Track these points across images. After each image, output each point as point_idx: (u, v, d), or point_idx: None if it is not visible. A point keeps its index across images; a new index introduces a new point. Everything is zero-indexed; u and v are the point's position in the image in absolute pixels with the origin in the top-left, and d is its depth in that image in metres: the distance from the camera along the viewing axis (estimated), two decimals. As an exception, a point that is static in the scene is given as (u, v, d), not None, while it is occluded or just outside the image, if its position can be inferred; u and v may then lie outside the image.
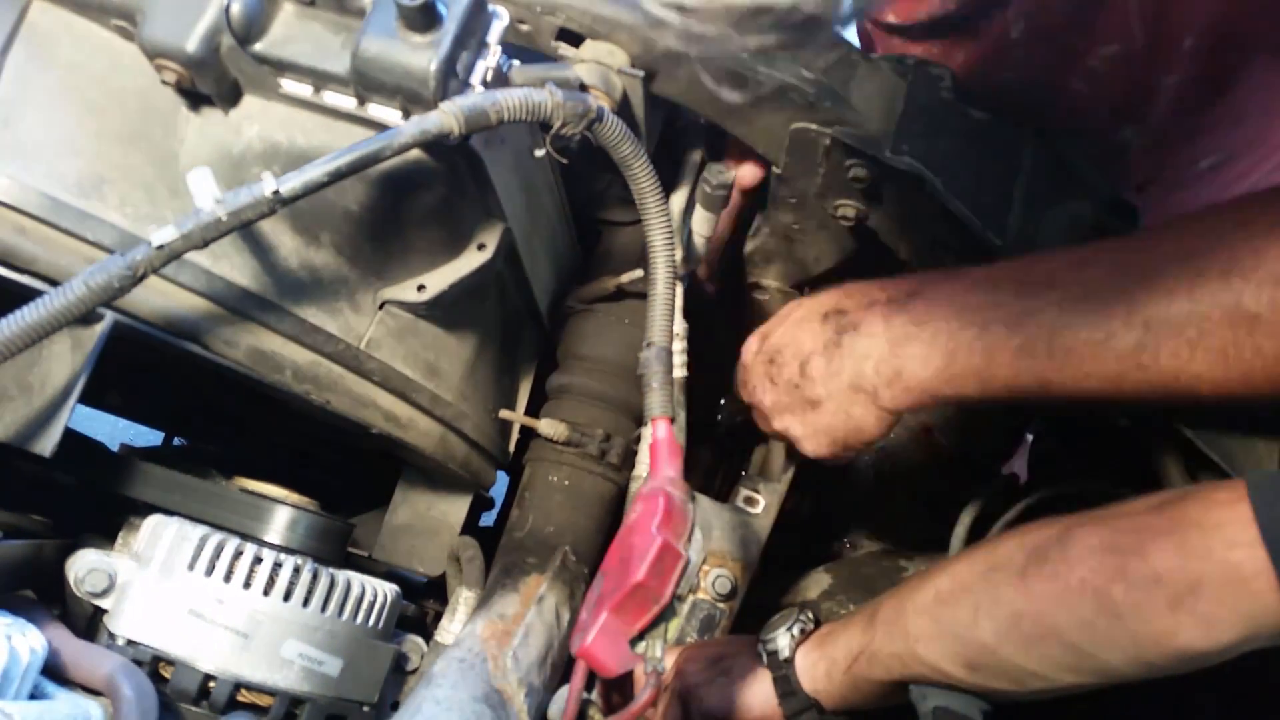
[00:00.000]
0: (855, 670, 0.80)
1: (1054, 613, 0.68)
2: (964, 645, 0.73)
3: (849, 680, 0.81)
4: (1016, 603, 0.70)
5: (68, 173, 0.72)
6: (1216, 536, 0.62)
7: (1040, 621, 0.69)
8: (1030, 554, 0.71)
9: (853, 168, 0.93)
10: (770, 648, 0.85)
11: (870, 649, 0.79)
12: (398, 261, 0.85)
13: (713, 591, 0.96)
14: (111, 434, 1.22)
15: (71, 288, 0.62)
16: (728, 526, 0.98)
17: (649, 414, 0.77)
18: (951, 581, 0.75)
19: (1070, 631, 0.68)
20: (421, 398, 0.89)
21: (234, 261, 0.77)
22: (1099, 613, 0.66)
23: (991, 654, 0.72)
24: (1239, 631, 0.62)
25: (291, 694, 0.81)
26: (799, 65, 0.93)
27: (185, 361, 0.76)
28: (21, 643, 0.64)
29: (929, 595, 0.76)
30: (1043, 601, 0.69)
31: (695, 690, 0.88)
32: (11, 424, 0.67)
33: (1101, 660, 0.68)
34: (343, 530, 0.91)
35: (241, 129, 0.77)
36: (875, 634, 0.79)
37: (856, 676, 0.81)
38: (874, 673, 0.79)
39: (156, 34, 0.70)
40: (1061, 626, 0.68)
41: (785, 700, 0.84)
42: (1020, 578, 0.70)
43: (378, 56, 0.69)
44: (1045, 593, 0.68)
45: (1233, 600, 0.61)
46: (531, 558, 0.98)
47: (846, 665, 0.81)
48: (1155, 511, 0.66)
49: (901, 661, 0.77)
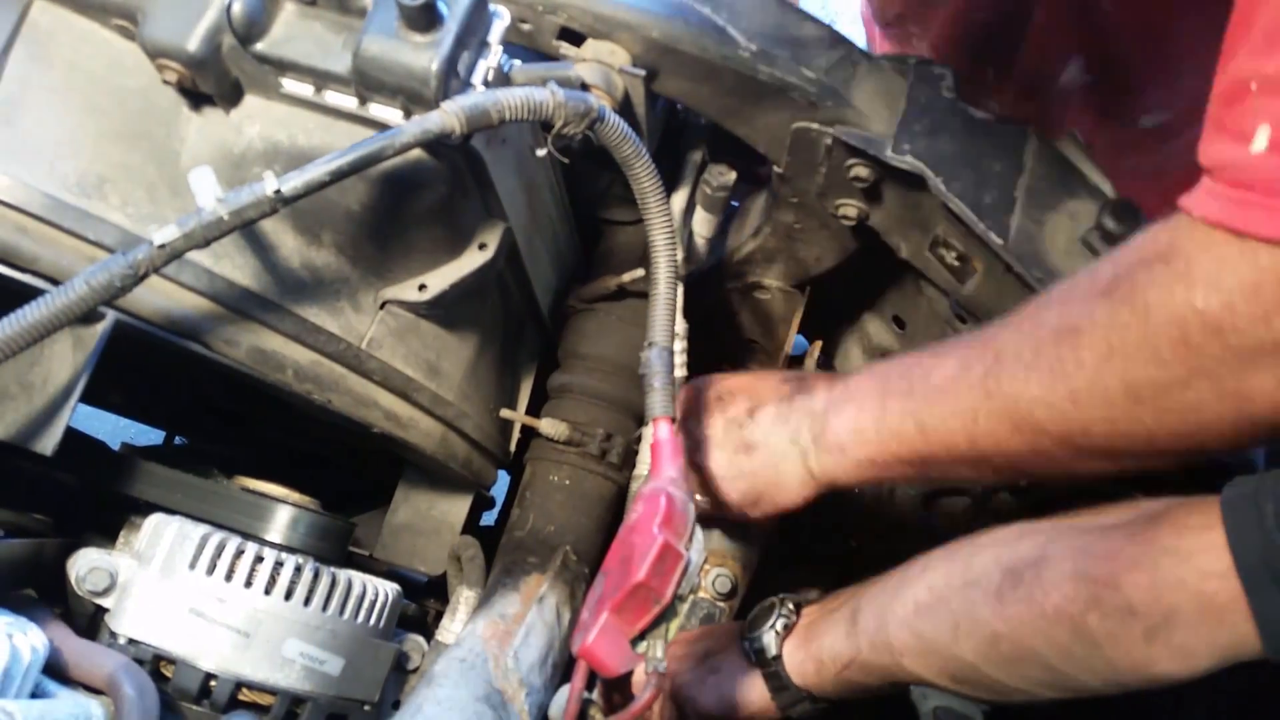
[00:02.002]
0: (846, 676, 0.82)
1: (1031, 638, 0.68)
2: (946, 661, 0.74)
3: (841, 683, 0.83)
4: (994, 624, 0.70)
5: (69, 172, 0.72)
6: (1190, 566, 0.61)
7: (1018, 645, 0.69)
8: (1006, 574, 0.70)
9: (854, 167, 0.93)
10: (756, 646, 0.86)
11: (859, 660, 0.80)
12: (399, 261, 0.85)
13: (713, 590, 0.96)
14: (113, 433, 1.22)
15: (73, 287, 0.62)
16: (728, 526, 0.98)
17: (650, 413, 0.77)
18: (930, 594, 0.75)
19: (1048, 655, 0.68)
20: (422, 397, 0.89)
21: (235, 261, 0.77)
22: (1075, 640, 0.66)
23: (973, 670, 0.72)
24: (1215, 660, 0.62)
25: (293, 693, 0.81)
26: (800, 64, 0.93)
27: (187, 361, 0.76)
28: (23, 641, 0.64)
29: (908, 606, 0.76)
30: (1019, 626, 0.68)
31: (687, 690, 0.88)
32: (13, 423, 0.67)
33: (1080, 682, 0.68)
34: (344, 529, 0.91)
35: (243, 128, 0.77)
36: (860, 645, 0.80)
37: (849, 681, 0.82)
38: (867, 680, 0.81)
39: (158, 33, 0.70)
40: (1039, 650, 0.68)
41: (778, 695, 0.85)
42: (997, 599, 0.70)
43: (379, 56, 0.69)
44: (1021, 617, 0.68)
45: (1208, 632, 0.61)
46: (532, 557, 0.98)
47: (836, 670, 0.82)
48: (1129, 537, 0.65)
49: (890, 673, 0.78)
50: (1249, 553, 0.58)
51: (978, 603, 0.71)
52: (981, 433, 0.70)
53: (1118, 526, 0.67)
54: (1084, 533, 0.69)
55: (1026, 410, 0.67)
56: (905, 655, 0.76)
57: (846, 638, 0.81)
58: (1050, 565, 0.68)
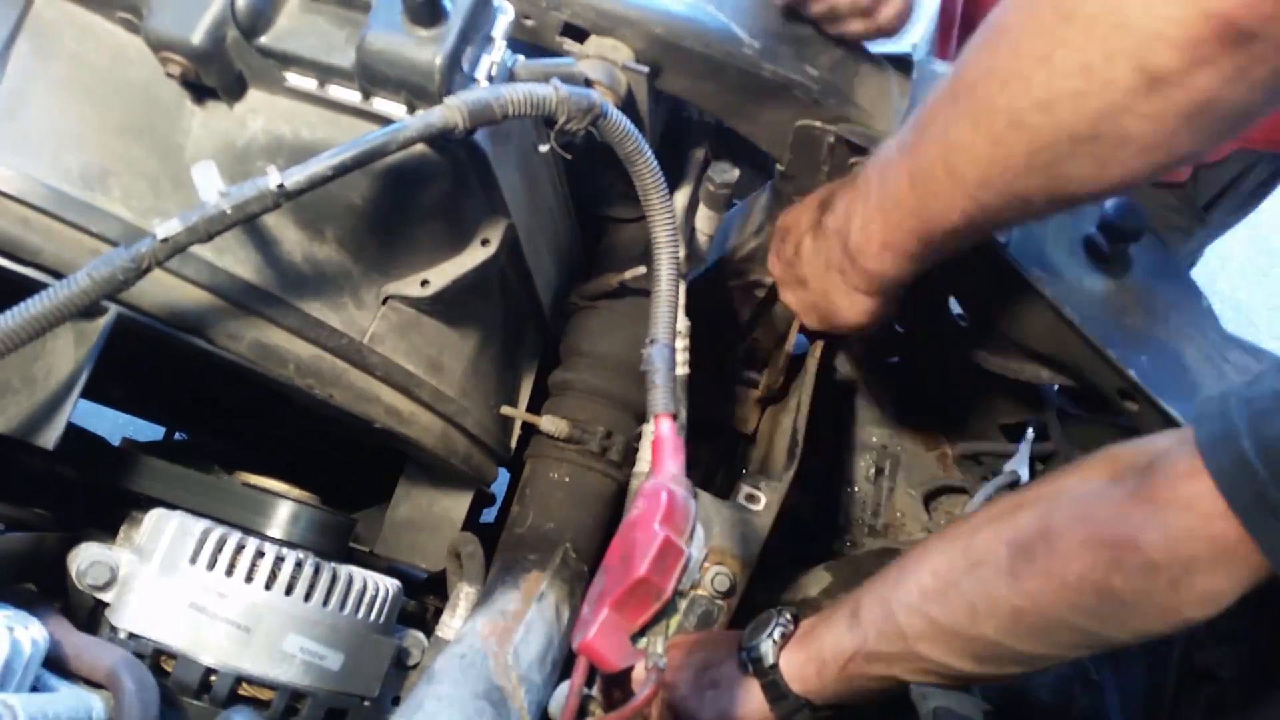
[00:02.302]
0: (850, 670, 0.81)
1: (1056, 607, 0.69)
2: (968, 642, 0.74)
3: (843, 680, 0.82)
4: (1013, 600, 0.71)
5: (72, 165, 0.71)
6: (1194, 514, 0.63)
7: (1044, 615, 0.70)
8: (1014, 550, 0.71)
9: (857, 165, 0.93)
10: (754, 655, 0.86)
11: (865, 649, 0.80)
12: (401, 256, 0.85)
13: (712, 589, 0.96)
14: (113, 429, 1.21)
15: (75, 280, 0.62)
16: (729, 524, 0.98)
17: (651, 410, 0.77)
18: (935, 579, 0.76)
19: (1076, 621, 0.69)
20: (424, 393, 0.89)
21: (238, 255, 0.77)
22: (1102, 602, 0.68)
23: (997, 646, 0.73)
24: (1238, 594, 0.64)
25: (293, 688, 0.81)
26: (804, 62, 0.93)
27: (188, 355, 0.76)
28: (24, 635, 0.64)
29: (913, 592, 0.77)
30: (1042, 598, 0.70)
31: (686, 704, 0.88)
32: (14, 416, 0.67)
33: (1111, 638, 0.70)
34: (344, 525, 0.91)
35: (246, 122, 0.77)
36: (866, 635, 0.80)
37: (852, 676, 0.81)
38: (873, 671, 0.80)
39: (161, 26, 0.70)
40: (1066, 617, 0.70)
41: (777, 704, 0.85)
42: (1011, 576, 0.71)
43: (383, 51, 0.69)
44: (1042, 590, 0.69)
45: (1225, 571, 0.63)
46: (532, 554, 0.98)
47: (839, 666, 0.81)
48: (1130, 498, 0.67)
49: (903, 659, 0.78)
50: (1240, 493, 0.61)
51: (990, 581, 0.72)
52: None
53: (1112, 488, 0.69)
54: (1080, 500, 0.70)
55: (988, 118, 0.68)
56: (920, 641, 0.76)
57: (849, 631, 0.81)
58: (1060, 537, 0.69)
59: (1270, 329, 3.13)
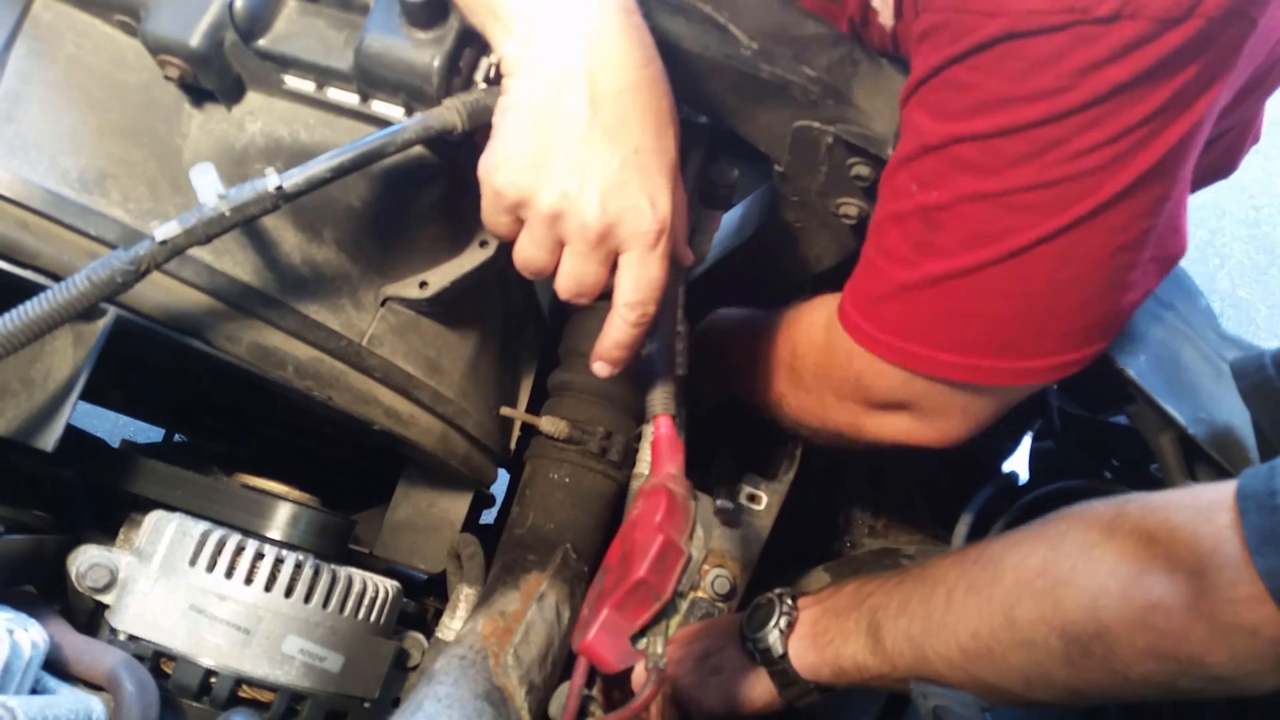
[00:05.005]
0: (874, 682, 0.82)
1: (1116, 691, 0.71)
2: (1019, 700, 0.76)
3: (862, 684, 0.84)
4: (1072, 683, 0.72)
5: (70, 168, 0.72)
6: (1259, 639, 0.63)
7: (1103, 695, 0.73)
8: (1070, 643, 0.70)
9: (855, 166, 0.93)
10: (761, 646, 0.86)
11: (894, 676, 0.80)
12: (400, 258, 0.85)
13: (712, 591, 0.96)
14: (112, 431, 1.22)
15: (74, 283, 0.62)
16: (728, 526, 0.98)
17: (651, 411, 0.77)
18: (977, 643, 0.75)
19: (1134, 695, 0.72)
20: (423, 394, 0.89)
21: (236, 257, 0.77)
22: (1165, 693, 0.70)
23: (1051, 707, 0.76)
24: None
25: (292, 690, 0.81)
26: (801, 63, 0.93)
27: (187, 357, 0.76)
28: (23, 637, 0.64)
29: (953, 649, 0.76)
30: (1104, 684, 0.71)
31: (690, 692, 0.88)
32: (14, 419, 0.67)
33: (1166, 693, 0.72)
34: (344, 526, 0.91)
35: (244, 125, 0.77)
36: (895, 665, 0.80)
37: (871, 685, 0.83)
38: (895, 687, 0.82)
39: (160, 29, 0.70)
40: (1127, 697, 0.73)
41: (786, 690, 0.86)
42: (1068, 665, 0.71)
43: (381, 53, 0.69)
44: (1104, 682, 0.71)
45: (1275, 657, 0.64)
46: (532, 555, 0.98)
47: (861, 678, 0.83)
48: (1190, 612, 0.66)
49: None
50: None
51: (1045, 664, 0.72)
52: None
53: (1161, 584, 0.67)
54: (1131, 597, 0.68)
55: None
56: (966, 688, 0.77)
57: (872, 655, 0.81)
58: (1120, 643, 0.68)
59: (1270, 327, 3.13)
